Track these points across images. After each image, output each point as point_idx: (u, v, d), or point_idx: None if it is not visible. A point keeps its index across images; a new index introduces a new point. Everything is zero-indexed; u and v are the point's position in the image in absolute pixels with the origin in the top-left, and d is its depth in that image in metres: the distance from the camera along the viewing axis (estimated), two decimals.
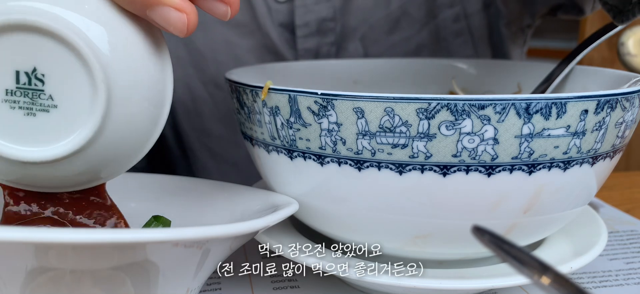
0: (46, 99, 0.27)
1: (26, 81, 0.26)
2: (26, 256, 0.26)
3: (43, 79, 0.26)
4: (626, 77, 0.39)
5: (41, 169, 0.28)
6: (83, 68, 0.26)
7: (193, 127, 0.66)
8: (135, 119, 0.29)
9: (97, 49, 0.26)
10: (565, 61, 0.44)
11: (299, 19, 0.61)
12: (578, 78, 0.44)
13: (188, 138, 0.66)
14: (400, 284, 0.33)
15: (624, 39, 0.81)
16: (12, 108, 0.27)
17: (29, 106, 0.27)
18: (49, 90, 0.26)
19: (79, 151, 0.27)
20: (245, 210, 0.37)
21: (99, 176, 0.31)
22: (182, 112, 0.65)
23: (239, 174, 0.66)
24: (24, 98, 0.26)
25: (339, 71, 0.51)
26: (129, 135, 0.29)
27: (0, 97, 0.26)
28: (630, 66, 0.79)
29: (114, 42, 0.27)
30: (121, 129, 0.28)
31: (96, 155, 0.28)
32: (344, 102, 0.30)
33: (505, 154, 0.30)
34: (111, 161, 0.29)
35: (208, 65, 0.63)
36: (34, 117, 0.27)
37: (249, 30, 0.62)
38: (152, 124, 0.30)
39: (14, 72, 0.26)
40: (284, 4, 0.61)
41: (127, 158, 0.30)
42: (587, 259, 0.35)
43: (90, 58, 0.26)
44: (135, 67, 0.28)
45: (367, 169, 0.31)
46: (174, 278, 0.30)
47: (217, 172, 0.67)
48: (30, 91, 0.26)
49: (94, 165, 0.29)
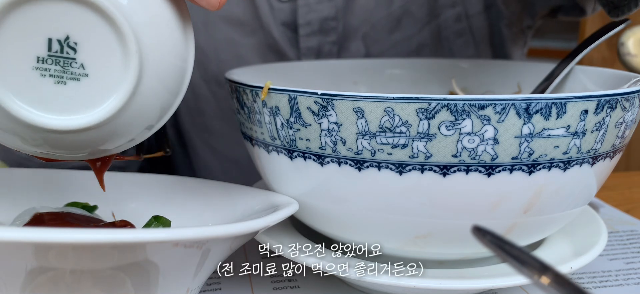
0: (77, 68, 0.26)
1: (58, 49, 0.26)
2: (26, 256, 0.26)
3: (75, 48, 0.26)
4: (626, 77, 0.39)
5: (69, 137, 0.28)
6: (116, 36, 0.26)
7: (195, 124, 0.66)
8: (165, 79, 0.29)
9: (130, 17, 0.26)
10: (565, 61, 0.45)
11: (302, 18, 0.61)
12: (578, 78, 0.44)
13: (190, 135, 0.67)
14: (400, 284, 0.33)
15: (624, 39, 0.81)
16: (42, 76, 0.26)
17: (59, 74, 0.26)
18: (80, 59, 0.26)
19: (110, 120, 0.27)
20: (245, 210, 0.37)
21: (125, 141, 0.30)
22: (184, 109, 0.66)
23: (241, 171, 0.66)
24: (55, 66, 0.26)
25: (339, 71, 0.51)
26: (157, 97, 0.29)
27: (31, 64, 0.26)
28: (630, 66, 0.79)
29: (144, 9, 0.27)
30: (151, 93, 0.28)
31: (125, 122, 0.28)
32: (344, 102, 0.30)
33: (505, 154, 0.30)
34: (139, 124, 0.29)
35: (210, 63, 0.63)
36: (64, 85, 0.27)
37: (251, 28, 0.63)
38: (180, 79, 0.30)
39: (46, 39, 0.26)
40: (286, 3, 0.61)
41: (157, 119, 0.30)
42: (587, 259, 0.35)
43: (123, 26, 0.26)
44: (164, 34, 0.28)
45: (367, 169, 0.31)
46: (174, 278, 0.30)
47: (219, 169, 0.67)
48: (62, 59, 0.26)
49: (122, 131, 0.29)
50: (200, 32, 0.63)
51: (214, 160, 0.67)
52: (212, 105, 0.65)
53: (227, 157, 0.66)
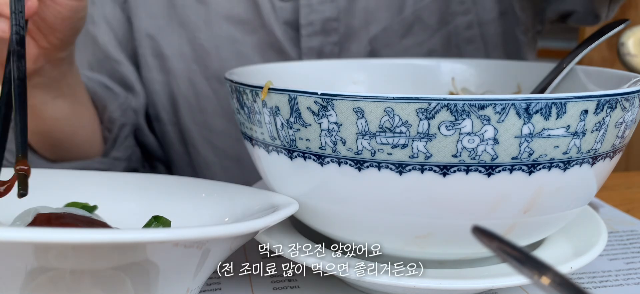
0: None
1: None
2: (26, 256, 0.26)
3: None
4: (626, 77, 0.39)
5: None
6: None
7: (196, 122, 0.66)
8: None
9: None
10: (565, 61, 0.44)
11: (304, 18, 0.61)
12: (578, 78, 0.44)
13: (190, 133, 0.67)
14: (400, 284, 0.33)
15: (624, 39, 0.81)
16: None
17: None
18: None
19: None
20: (245, 210, 0.37)
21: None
22: (185, 107, 0.66)
23: (242, 169, 0.66)
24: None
25: (338, 71, 0.51)
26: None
27: None
28: (630, 66, 0.79)
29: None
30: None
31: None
32: (344, 102, 0.30)
33: (505, 154, 0.30)
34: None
35: (211, 61, 0.64)
36: None
37: (253, 27, 0.63)
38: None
39: None
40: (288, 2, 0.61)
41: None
42: (587, 259, 0.35)
43: None
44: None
45: (367, 169, 0.31)
46: (174, 278, 0.30)
47: (220, 167, 0.67)
48: None
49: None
50: (201, 29, 0.63)
51: (215, 157, 0.67)
52: (213, 103, 0.65)
53: (228, 155, 0.66)
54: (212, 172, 0.68)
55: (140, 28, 0.64)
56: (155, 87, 0.66)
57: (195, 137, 0.67)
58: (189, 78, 0.65)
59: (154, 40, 0.64)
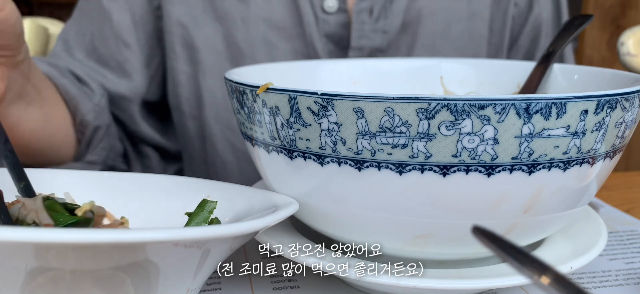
0: None
1: None
2: (26, 256, 0.26)
3: None
4: (626, 77, 0.39)
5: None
6: None
7: (218, 120, 0.65)
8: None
9: None
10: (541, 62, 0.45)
11: (355, 42, 0.62)
12: (578, 78, 0.44)
13: (211, 130, 0.66)
14: (400, 284, 0.33)
15: (624, 39, 0.81)
16: None
17: None
18: None
19: None
20: (245, 210, 0.37)
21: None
22: (210, 102, 0.65)
23: (258, 173, 0.66)
24: None
25: (338, 71, 0.51)
26: None
27: None
28: (630, 66, 0.79)
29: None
30: None
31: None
32: (344, 102, 0.30)
33: (505, 154, 0.30)
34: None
35: (245, 61, 0.63)
36: None
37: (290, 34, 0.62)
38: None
39: None
40: (332, 16, 0.62)
41: None
42: (587, 259, 0.35)
43: None
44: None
45: (367, 169, 0.31)
46: (174, 278, 0.30)
47: (237, 169, 0.66)
48: None
49: None
50: (239, 27, 0.62)
51: (233, 158, 0.66)
52: None
53: (247, 157, 0.66)
54: (228, 172, 0.67)
55: (172, 14, 0.62)
56: (180, 78, 0.64)
57: (215, 135, 0.66)
58: (220, 75, 0.63)
59: (186, 30, 0.63)
